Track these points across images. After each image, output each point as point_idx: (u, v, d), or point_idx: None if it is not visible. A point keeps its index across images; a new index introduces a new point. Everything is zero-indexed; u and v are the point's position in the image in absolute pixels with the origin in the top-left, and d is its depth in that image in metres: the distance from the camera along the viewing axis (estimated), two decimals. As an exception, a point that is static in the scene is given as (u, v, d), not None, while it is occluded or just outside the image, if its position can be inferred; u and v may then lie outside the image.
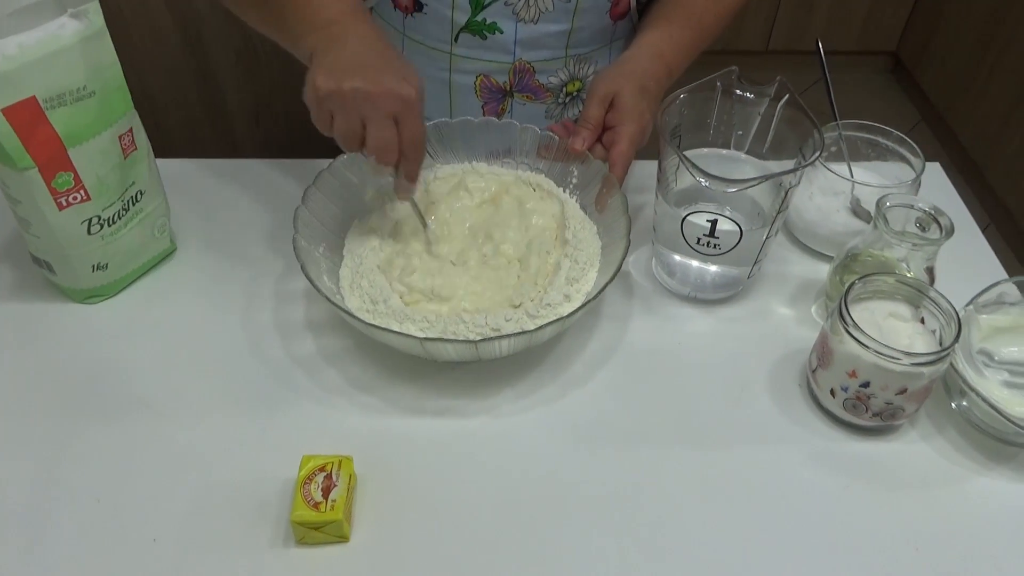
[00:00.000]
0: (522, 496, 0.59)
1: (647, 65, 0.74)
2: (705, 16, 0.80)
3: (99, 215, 0.66)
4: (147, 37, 1.42)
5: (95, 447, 0.61)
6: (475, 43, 0.81)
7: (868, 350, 0.56)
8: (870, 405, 0.59)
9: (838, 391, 0.60)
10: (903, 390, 0.57)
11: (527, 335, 0.58)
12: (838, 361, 0.59)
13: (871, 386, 0.58)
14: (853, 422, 0.61)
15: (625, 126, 0.69)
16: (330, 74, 0.60)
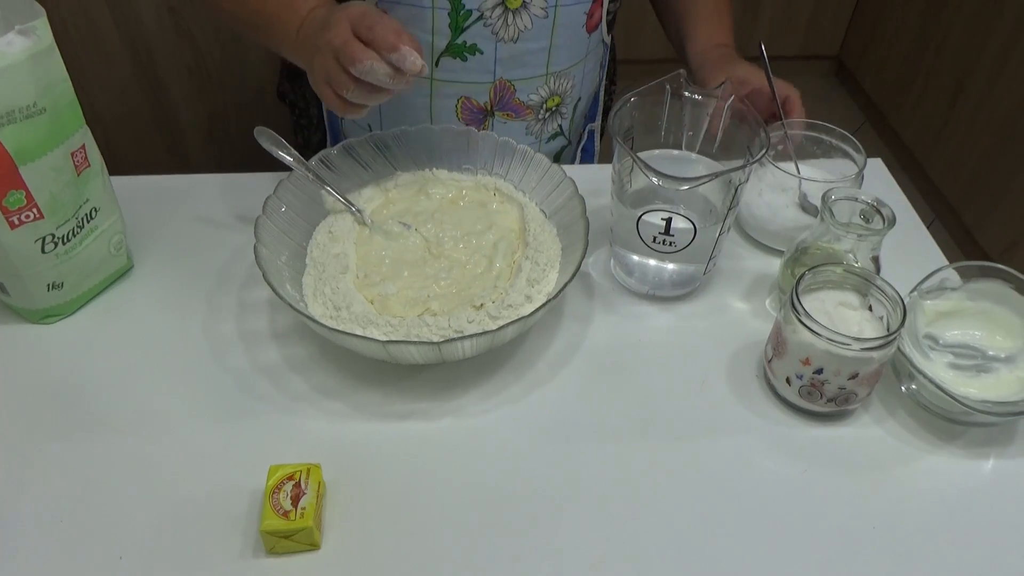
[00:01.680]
0: (491, 496, 0.59)
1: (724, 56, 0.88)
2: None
3: (53, 233, 0.65)
4: (95, 56, 1.41)
5: (56, 467, 0.60)
6: (456, 66, 0.82)
7: (820, 338, 0.58)
8: (824, 391, 0.61)
9: (793, 379, 0.62)
10: (855, 375, 0.59)
11: (489, 335, 0.59)
12: (792, 350, 0.61)
13: (824, 372, 0.60)
14: (809, 408, 0.63)
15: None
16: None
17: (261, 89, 1.50)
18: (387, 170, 0.78)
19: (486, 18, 0.79)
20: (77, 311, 0.72)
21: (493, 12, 0.79)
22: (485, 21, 0.79)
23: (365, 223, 0.73)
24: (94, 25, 1.36)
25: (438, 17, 0.78)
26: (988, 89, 1.86)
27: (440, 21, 0.79)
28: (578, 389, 0.67)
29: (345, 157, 0.76)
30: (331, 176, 0.75)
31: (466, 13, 0.79)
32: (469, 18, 0.79)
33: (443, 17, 0.78)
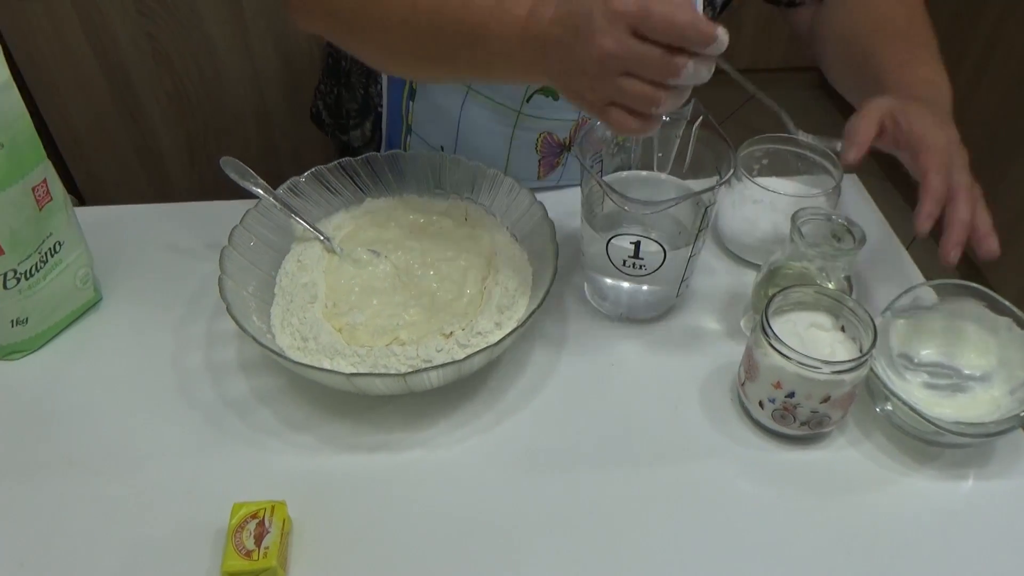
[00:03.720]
0: (462, 529, 0.58)
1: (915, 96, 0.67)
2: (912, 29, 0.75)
3: (15, 269, 0.64)
4: (72, 83, 1.41)
5: (17, 508, 0.59)
6: (546, 103, 0.81)
7: (791, 361, 0.58)
8: (797, 415, 0.60)
9: (766, 402, 0.61)
10: (827, 398, 0.59)
11: (456, 365, 0.58)
12: (764, 373, 0.60)
13: (796, 396, 0.59)
14: (782, 432, 0.63)
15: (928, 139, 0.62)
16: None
17: (240, 113, 1.49)
18: (357, 196, 0.77)
19: None
20: (43, 346, 0.71)
21: None
22: None
23: (334, 251, 0.72)
24: (70, 52, 1.36)
25: None
26: (969, 97, 1.87)
27: None
28: (550, 417, 0.66)
29: (315, 183, 0.75)
30: (300, 203, 0.74)
31: None
32: None
33: None
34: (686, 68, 0.50)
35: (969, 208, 0.61)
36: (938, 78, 0.71)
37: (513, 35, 0.55)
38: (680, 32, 0.49)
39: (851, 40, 0.78)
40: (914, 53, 0.73)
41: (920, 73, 0.71)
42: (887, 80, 0.70)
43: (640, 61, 0.50)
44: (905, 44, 0.74)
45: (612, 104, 0.53)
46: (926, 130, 0.62)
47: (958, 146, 0.64)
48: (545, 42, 0.54)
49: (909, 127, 0.63)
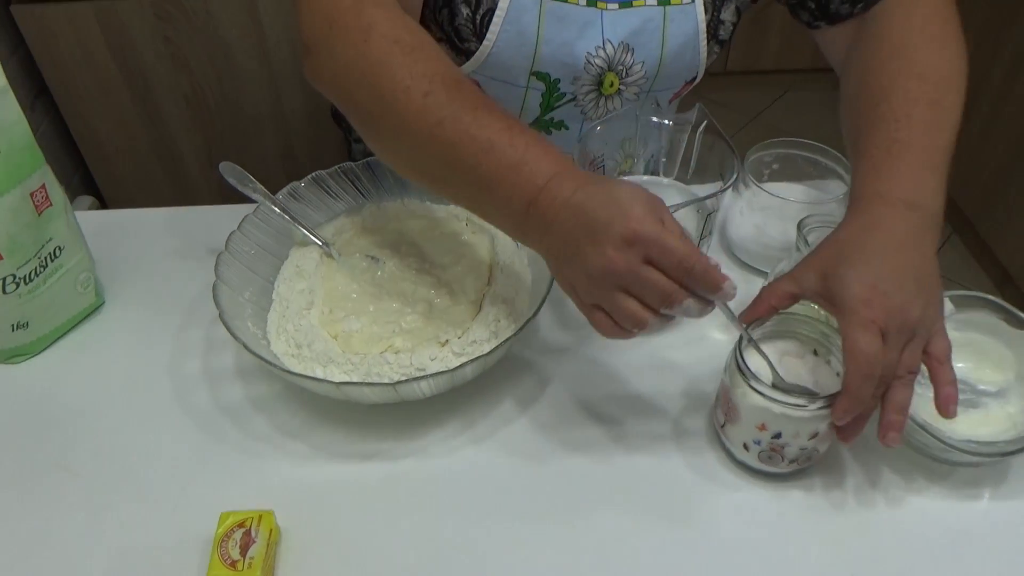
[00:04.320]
0: (451, 543, 0.57)
1: (860, 228, 0.55)
2: (915, 106, 0.59)
3: (14, 274, 0.64)
4: (94, 89, 1.42)
5: (9, 513, 0.59)
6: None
7: (775, 403, 0.54)
8: (785, 454, 0.57)
9: (751, 445, 0.57)
10: (815, 434, 0.55)
11: (448, 375, 0.57)
12: (745, 415, 0.56)
13: (783, 436, 0.55)
14: (771, 471, 0.59)
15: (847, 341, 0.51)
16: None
17: (257, 115, 1.50)
18: (358, 201, 0.77)
19: (579, 100, 0.77)
20: (44, 350, 0.71)
21: (587, 97, 0.76)
22: (577, 102, 0.77)
23: (332, 257, 0.72)
24: (91, 57, 1.37)
25: (530, 96, 0.76)
26: (1002, 98, 1.81)
27: (532, 100, 0.76)
28: (546, 428, 0.64)
29: (315, 188, 0.75)
30: (301, 208, 0.74)
31: (559, 95, 0.76)
32: (562, 99, 0.76)
33: (535, 96, 0.76)
34: (683, 304, 0.50)
35: (906, 392, 0.53)
36: (929, 179, 0.57)
37: (522, 199, 0.53)
38: (691, 274, 0.49)
39: (862, 86, 0.64)
40: (916, 135, 0.59)
41: (906, 170, 0.57)
42: (864, 170, 0.59)
43: (643, 286, 0.50)
44: (920, 114, 0.60)
45: (599, 308, 0.52)
46: (850, 329, 0.51)
47: (911, 305, 0.52)
48: (551, 221, 0.52)
49: (838, 320, 0.53)
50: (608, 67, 0.73)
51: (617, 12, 0.70)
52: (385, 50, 0.56)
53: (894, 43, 0.63)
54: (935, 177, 0.57)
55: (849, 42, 0.71)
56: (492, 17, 0.68)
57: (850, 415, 0.52)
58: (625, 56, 0.73)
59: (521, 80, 0.74)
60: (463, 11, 0.68)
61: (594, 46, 0.71)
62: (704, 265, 0.49)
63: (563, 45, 0.71)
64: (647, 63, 0.74)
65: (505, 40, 0.69)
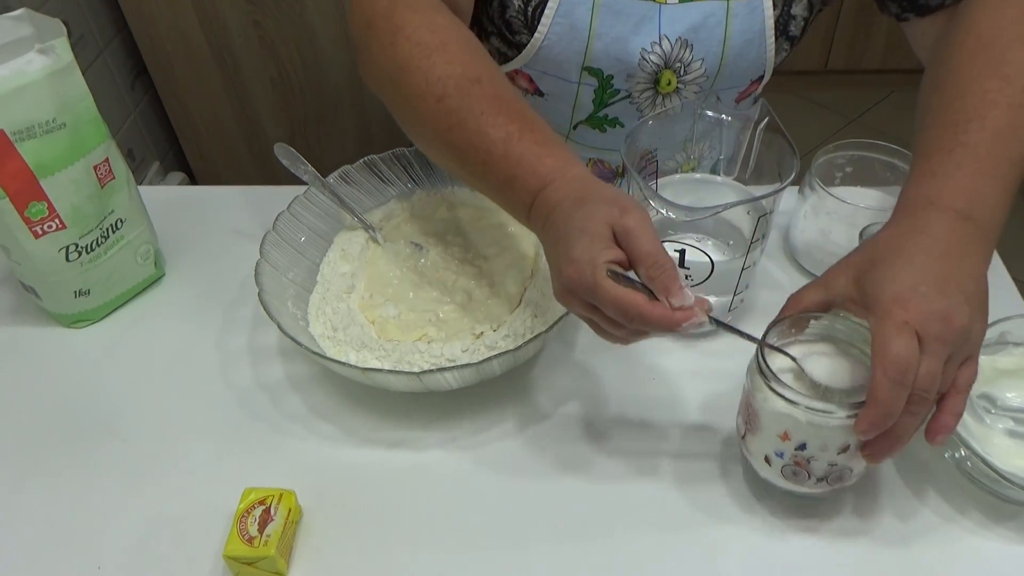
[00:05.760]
0: (471, 533, 0.56)
1: (902, 232, 0.50)
2: (992, 108, 0.53)
3: (76, 243, 0.67)
4: (188, 70, 1.48)
5: (57, 470, 0.62)
6: (592, 135, 0.79)
7: (798, 407, 0.48)
8: (811, 470, 0.51)
9: (773, 458, 0.52)
10: (845, 447, 0.49)
11: (474, 368, 0.56)
12: (766, 423, 0.51)
13: (808, 447, 0.50)
14: (796, 491, 0.54)
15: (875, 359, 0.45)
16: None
17: (339, 101, 1.53)
18: (409, 187, 0.76)
19: (634, 98, 0.75)
20: (105, 317, 0.74)
21: (643, 95, 0.74)
22: (632, 100, 0.75)
23: (378, 242, 0.72)
24: (186, 39, 1.43)
25: (583, 92, 0.75)
26: None
27: (584, 96, 0.75)
28: (577, 427, 0.62)
29: (367, 172, 0.75)
30: (351, 192, 0.74)
31: (613, 92, 0.74)
32: (615, 96, 0.75)
33: (588, 93, 0.75)
34: (643, 337, 0.50)
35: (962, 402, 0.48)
36: (990, 190, 0.51)
37: (521, 212, 0.55)
38: (635, 322, 0.48)
39: (939, 82, 0.58)
40: (986, 140, 0.52)
41: (966, 177, 0.51)
42: (920, 172, 0.53)
43: (607, 305, 0.48)
44: (997, 118, 0.53)
45: (576, 301, 0.51)
46: (881, 330, 0.46)
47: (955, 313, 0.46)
48: (541, 239, 0.54)
49: (870, 323, 0.47)
50: (665, 64, 0.70)
51: (676, 7, 0.67)
52: (408, 53, 0.57)
53: (981, 38, 0.57)
54: (998, 189, 0.51)
55: (939, 35, 0.65)
56: (544, 9, 0.66)
57: (877, 428, 0.46)
58: (683, 53, 0.69)
59: (573, 76, 0.72)
60: (515, 2, 0.67)
61: (650, 42, 0.68)
62: (647, 313, 0.47)
63: (617, 40, 0.68)
64: (707, 60, 0.70)
65: (556, 33, 0.68)
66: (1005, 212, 0.51)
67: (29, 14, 0.63)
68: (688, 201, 0.57)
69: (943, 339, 0.45)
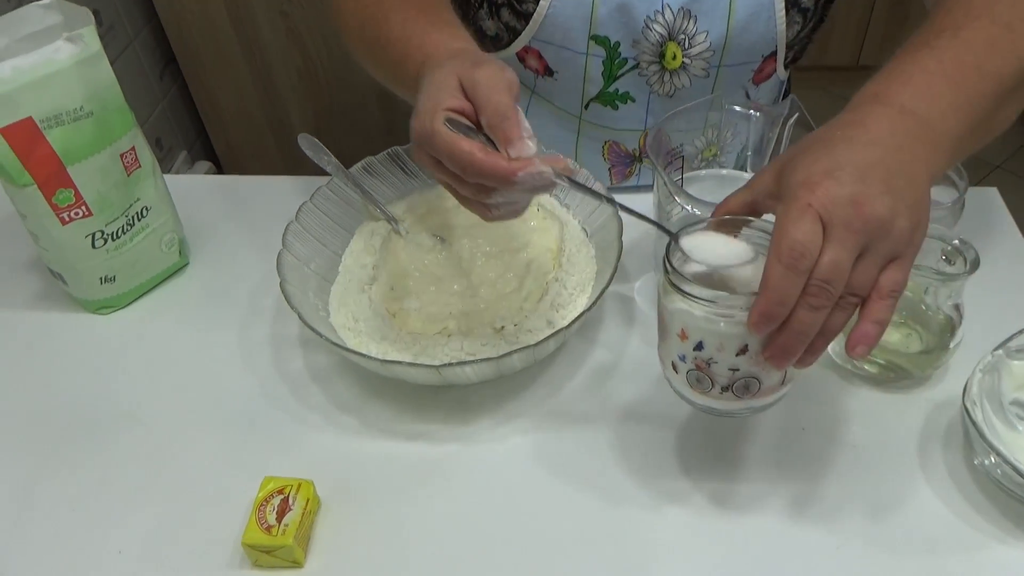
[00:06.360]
0: (486, 528, 0.56)
1: (835, 125, 0.47)
2: (974, 21, 0.50)
3: (102, 230, 0.68)
4: (215, 58, 1.49)
5: (80, 455, 0.63)
6: (605, 113, 0.79)
7: (688, 299, 0.45)
8: (713, 375, 0.47)
9: (678, 363, 0.49)
10: (743, 349, 0.45)
11: (494, 362, 0.56)
12: (668, 323, 0.48)
13: (705, 347, 0.46)
14: (705, 404, 0.50)
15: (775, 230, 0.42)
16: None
17: (365, 92, 1.53)
18: (432, 179, 0.76)
19: (642, 69, 0.74)
20: (130, 304, 0.75)
21: (649, 67, 0.74)
22: (640, 71, 0.74)
23: (400, 234, 0.72)
24: (215, 28, 1.44)
25: (591, 64, 0.74)
26: None
27: (593, 68, 0.75)
28: (595, 425, 0.62)
29: (391, 164, 0.75)
30: (375, 183, 0.74)
31: (621, 62, 0.74)
32: (624, 66, 0.74)
33: (597, 65, 0.74)
34: (493, 195, 0.49)
35: (887, 309, 0.43)
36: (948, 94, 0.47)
37: (412, 78, 0.55)
38: (469, 172, 0.47)
39: (929, 15, 0.54)
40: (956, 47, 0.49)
41: (922, 77, 0.47)
42: (876, 75, 0.50)
43: (445, 183, 0.49)
44: (976, 30, 0.50)
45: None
46: (781, 214, 0.42)
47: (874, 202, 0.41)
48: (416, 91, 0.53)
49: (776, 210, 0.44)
50: (669, 35, 0.69)
51: None
52: None
53: None
54: (958, 95, 0.46)
55: None
56: None
57: (768, 320, 0.41)
58: (687, 24, 0.68)
59: (580, 45, 0.72)
60: None
61: (653, 10, 0.68)
62: (480, 162, 0.45)
63: (621, 6, 0.68)
64: (712, 33, 0.69)
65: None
66: (965, 123, 0.47)
67: (58, 2, 0.64)
68: (714, 198, 0.56)
69: (851, 227, 0.41)
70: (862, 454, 0.58)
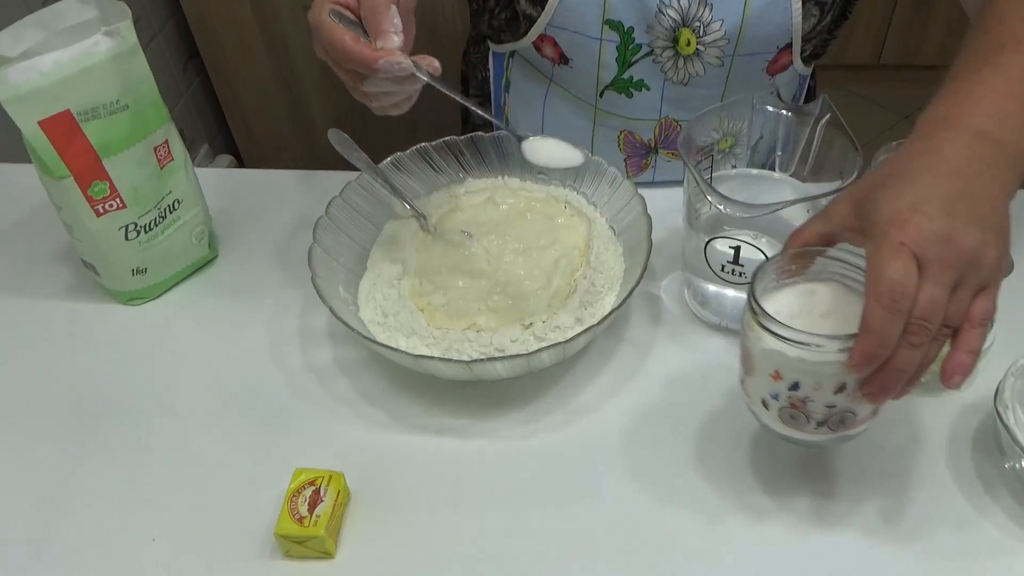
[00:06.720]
0: (514, 530, 0.57)
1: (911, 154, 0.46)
2: None
3: (135, 222, 0.69)
4: (238, 51, 1.50)
5: (114, 443, 0.63)
6: (620, 100, 0.79)
7: (785, 341, 0.45)
8: (810, 412, 0.47)
9: (769, 400, 0.49)
10: (841, 387, 0.45)
11: (524, 358, 0.56)
12: (759, 363, 0.48)
13: (802, 387, 0.46)
14: (798, 437, 0.50)
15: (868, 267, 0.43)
16: None
17: (386, 86, 1.54)
18: (460, 175, 0.77)
19: (656, 56, 0.75)
20: (160, 295, 0.76)
21: (663, 53, 0.74)
22: (655, 58, 0.75)
23: (429, 230, 0.72)
24: (237, 21, 1.45)
25: (605, 50, 0.75)
26: None
27: (607, 55, 0.75)
28: (623, 423, 0.62)
29: (418, 160, 0.75)
30: (402, 179, 0.75)
31: (635, 47, 0.74)
32: (638, 52, 0.75)
33: (611, 50, 0.75)
34: (364, 84, 0.56)
35: (979, 338, 0.44)
36: (1019, 112, 0.47)
37: None
38: (339, 58, 0.55)
39: (979, 16, 0.54)
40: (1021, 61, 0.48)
41: (991, 96, 0.47)
42: (940, 94, 0.49)
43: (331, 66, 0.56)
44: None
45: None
46: (875, 254, 0.43)
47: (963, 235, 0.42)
48: None
49: (866, 250, 0.44)
50: (683, 22, 0.69)
51: None
52: None
53: None
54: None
55: None
56: None
57: (870, 361, 0.42)
58: (701, 11, 0.69)
59: (594, 31, 0.72)
60: None
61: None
62: (349, 48, 0.53)
63: None
64: (727, 22, 0.70)
65: None
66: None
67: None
68: (744, 197, 0.57)
69: (946, 263, 0.41)
70: (891, 456, 0.58)
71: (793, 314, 0.48)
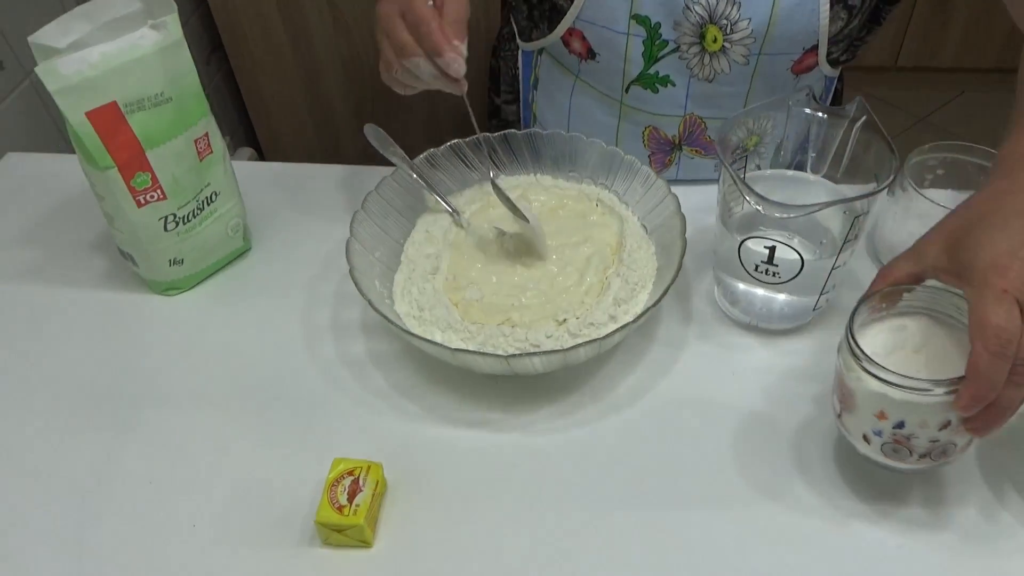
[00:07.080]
0: (547, 516, 0.57)
1: (998, 193, 0.49)
2: None
3: (174, 213, 0.70)
4: (263, 46, 1.51)
5: (154, 432, 0.65)
6: (646, 96, 0.80)
7: (893, 387, 0.48)
8: (913, 447, 0.50)
9: (872, 436, 0.51)
10: (946, 424, 0.48)
11: (561, 354, 0.57)
12: (862, 403, 0.50)
13: (907, 426, 0.49)
14: (900, 467, 0.53)
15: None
16: None
17: (407, 83, 1.54)
18: (493, 172, 0.77)
19: (682, 52, 0.76)
20: (196, 286, 0.77)
21: (689, 49, 0.75)
22: (681, 54, 0.76)
23: (462, 225, 0.73)
24: (262, 15, 1.46)
25: (632, 44, 0.76)
26: None
27: (634, 49, 0.77)
28: (654, 420, 0.63)
29: (452, 156, 0.76)
30: (436, 175, 0.76)
31: (662, 43, 0.75)
32: (664, 48, 0.76)
33: (637, 45, 0.76)
34: (410, 59, 0.62)
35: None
36: None
37: None
38: (420, 34, 0.60)
39: None
40: None
41: None
42: (1016, 129, 0.51)
43: (390, 34, 0.62)
44: None
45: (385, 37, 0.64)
46: (979, 300, 0.45)
47: None
48: None
49: (967, 294, 0.46)
50: (710, 18, 0.70)
51: None
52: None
53: None
54: None
55: None
56: None
57: (978, 404, 0.44)
58: (729, 9, 0.70)
59: (621, 25, 0.73)
60: None
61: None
62: (430, 31, 0.59)
63: None
64: (755, 21, 0.70)
65: None
66: None
67: (140, -10, 0.65)
68: (779, 198, 0.57)
69: None
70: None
71: (887, 351, 0.50)
